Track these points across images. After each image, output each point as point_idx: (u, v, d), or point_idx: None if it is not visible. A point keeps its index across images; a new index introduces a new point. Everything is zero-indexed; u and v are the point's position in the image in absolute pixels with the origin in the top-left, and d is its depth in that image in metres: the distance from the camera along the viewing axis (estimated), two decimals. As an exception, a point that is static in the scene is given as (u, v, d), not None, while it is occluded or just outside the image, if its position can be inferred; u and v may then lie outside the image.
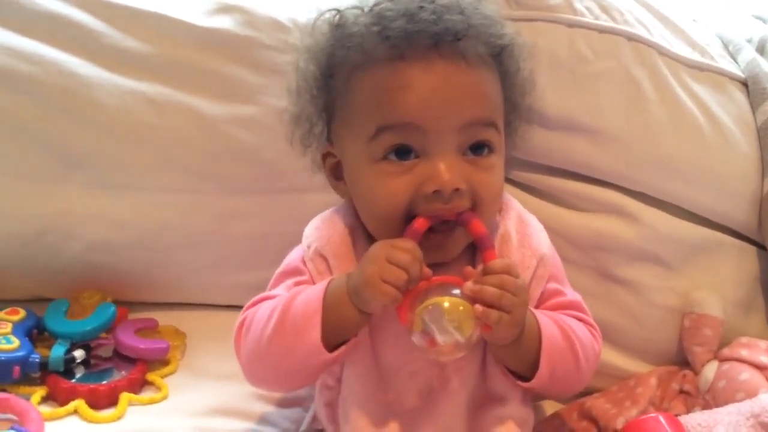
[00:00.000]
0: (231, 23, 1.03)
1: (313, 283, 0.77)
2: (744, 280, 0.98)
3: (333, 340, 0.71)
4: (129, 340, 0.96)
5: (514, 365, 0.74)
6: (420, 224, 0.71)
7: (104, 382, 0.91)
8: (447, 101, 0.71)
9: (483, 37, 0.74)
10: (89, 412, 0.87)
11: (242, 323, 0.77)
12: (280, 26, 1.03)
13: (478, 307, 0.67)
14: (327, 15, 0.77)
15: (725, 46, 1.06)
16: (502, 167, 0.77)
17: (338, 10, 0.77)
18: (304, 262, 0.78)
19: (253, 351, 0.75)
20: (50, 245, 1.02)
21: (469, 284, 0.68)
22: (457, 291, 0.69)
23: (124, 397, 0.89)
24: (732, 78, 1.01)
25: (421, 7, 0.72)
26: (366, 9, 0.75)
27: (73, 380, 0.91)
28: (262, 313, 0.74)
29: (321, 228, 0.80)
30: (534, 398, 0.82)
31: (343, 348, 0.71)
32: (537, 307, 0.78)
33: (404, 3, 0.73)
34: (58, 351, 0.92)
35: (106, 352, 0.97)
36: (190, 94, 1.01)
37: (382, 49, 0.72)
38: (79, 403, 0.88)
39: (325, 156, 0.80)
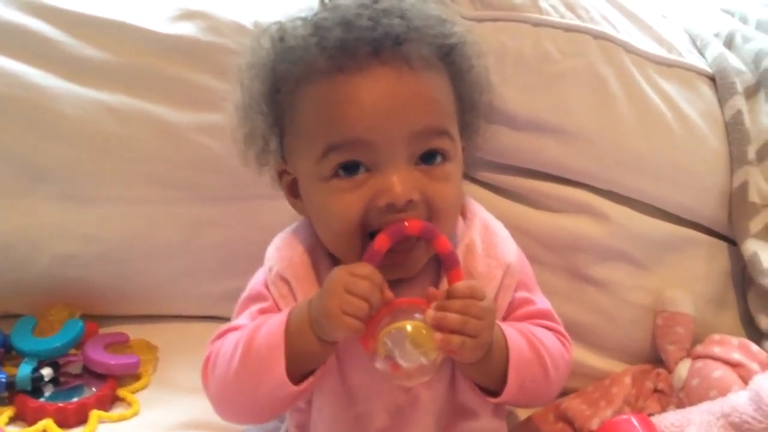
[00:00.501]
0: (194, 29, 1.02)
1: (277, 308, 0.75)
2: (715, 276, 0.98)
3: (299, 370, 0.70)
4: (98, 356, 0.94)
5: (482, 380, 0.73)
6: (380, 245, 0.68)
7: (74, 400, 0.89)
8: (392, 112, 0.69)
9: (427, 38, 0.72)
10: (58, 431, 0.85)
11: (208, 358, 0.75)
12: (245, 31, 1.02)
13: (438, 335, 0.66)
14: (269, 29, 0.75)
15: (693, 41, 1.06)
16: (458, 175, 0.75)
17: (279, 23, 0.75)
18: (267, 287, 0.77)
19: (221, 386, 0.73)
20: (15, 260, 1.00)
21: (430, 312, 0.67)
22: (418, 315, 0.67)
23: (94, 414, 0.88)
24: (699, 73, 1.01)
25: (358, 14, 0.70)
26: (306, 19, 0.73)
27: (42, 399, 0.89)
28: (226, 348, 0.73)
29: (281, 249, 0.78)
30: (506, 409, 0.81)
31: (310, 380, 0.70)
32: (505, 316, 0.78)
33: (342, 11, 0.71)
34: (24, 370, 0.90)
35: (75, 369, 0.95)
36: (154, 102, 1.00)
37: (322, 62, 0.70)
38: (47, 423, 0.86)
39: (281, 173, 0.79)
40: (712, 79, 1.01)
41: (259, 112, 0.76)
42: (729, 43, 1.05)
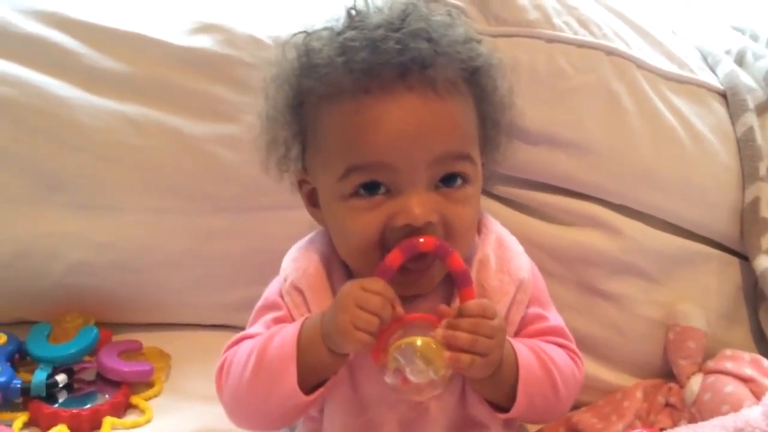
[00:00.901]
0: (211, 42, 1.03)
1: (291, 317, 0.76)
2: (727, 291, 0.98)
3: (310, 381, 0.70)
4: (112, 363, 0.95)
5: (491, 396, 0.74)
6: (392, 260, 0.69)
7: (87, 407, 0.90)
8: (416, 137, 0.69)
9: (454, 61, 0.72)
10: (72, 437, 0.86)
11: (222, 366, 0.76)
12: (261, 44, 1.03)
13: (447, 354, 0.66)
14: (294, 39, 0.76)
15: (704, 58, 1.07)
16: (477, 198, 0.76)
17: (305, 33, 0.75)
18: (282, 296, 0.78)
19: (234, 394, 0.74)
20: (31, 268, 1.01)
21: (440, 331, 0.67)
22: (430, 332, 0.68)
23: (107, 421, 0.88)
24: (711, 90, 1.01)
25: (386, 37, 0.70)
26: (334, 34, 0.73)
27: (56, 405, 0.90)
28: (240, 356, 0.74)
29: (297, 259, 0.79)
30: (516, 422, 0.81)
31: (321, 390, 0.71)
32: (517, 332, 0.78)
33: (370, 31, 0.71)
34: (40, 376, 0.91)
35: (89, 375, 0.96)
36: (170, 113, 1.01)
37: (347, 82, 0.70)
38: (61, 429, 0.87)
39: (301, 182, 0.80)
40: (723, 95, 1.02)
41: (283, 122, 0.77)
42: (740, 60, 1.06)
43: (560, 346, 0.77)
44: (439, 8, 0.78)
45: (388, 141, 0.69)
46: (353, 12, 0.75)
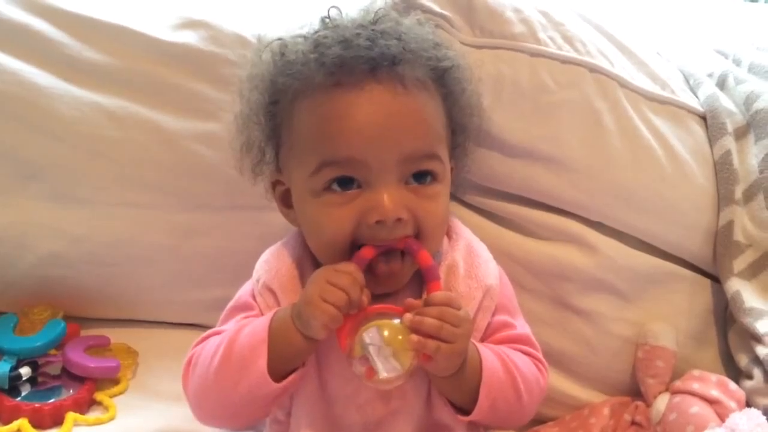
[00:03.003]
0: (195, 38, 1.03)
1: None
2: (697, 312, 0.99)
3: (280, 369, 0.71)
4: (78, 358, 0.93)
5: (454, 397, 0.74)
6: (367, 252, 0.71)
7: (50, 401, 0.88)
8: (385, 133, 0.71)
9: (421, 60, 0.74)
10: (33, 431, 0.85)
11: (189, 361, 0.76)
12: (246, 43, 1.02)
13: (414, 337, 0.67)
14: (271, 44, 0.78)
15: (686, 79, 1.07)
16: (446, 195, 0.77)
17: (281, 39, 0.77)
18: (254, 297, 0.78)
19: (200, 386, 0.74)
20: (1, 257, 0.99)
21: (408, 315, 0.69)
22: (396, 320, 0.69)
23: (70, 416, 0.87)
24: (691, 112, 1.02)
25: (358, 34, 0.73)
26: (308, 36, 0.76)
27: (19, 398, 0.89)
28: (209, 349, 0.74)
29: (269, 261, 0.80)
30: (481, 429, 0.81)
31: (290, 377, 0.71)
32: (483, 339, 0.79)
33: (341, 30, 0.74)
34: (3, 368, 0.90)
35: (54, 369, 0.95)
36: (151, 108, 1.01)
37: (320, 76, 0.72)
38: (22, 423, 0.85)
39: (275, 184, 0.81)
40: (703, 118, 1.02)
41: (257, 122, 0.78)
42: (722, 83, 1.06)
43: (526, 353, 0.78)
44: (410, 15, 0.81)
45: (358, 136, 0.71)
46: (327, 20, 0.77)
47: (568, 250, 0.96)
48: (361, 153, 0.71)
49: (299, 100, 0.74)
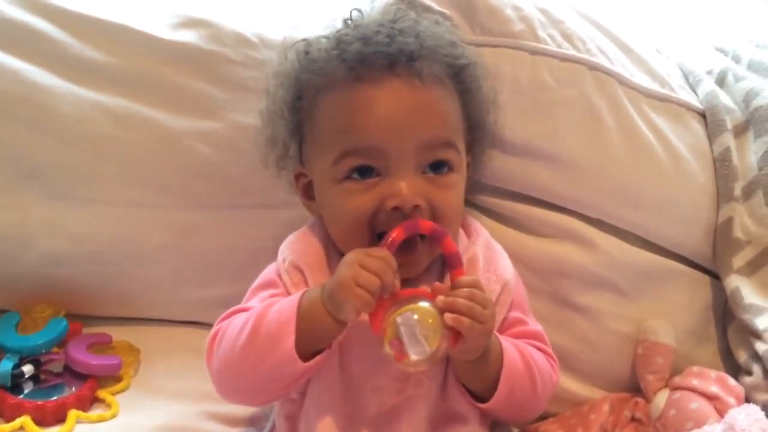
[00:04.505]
0: (196, 37, 1.03)
1: (288, 295, 0.78)
2: (697, 309, 0.99)
3: (306, 349, 0.72)
4: (80, 355, 0.94)
5: (474, 384, 0.76)
6: (397, 235, 0.73)
7: (53, 399, 0.89)
8: (404, 123, 0.75)
9: (438, 57, 0.78)
10: (35, 429, 0.85)
11: (215, 336, 0.77)
12: (246, 41, 1.03)
13: (449, 315, 0.69)
14: (296, 44, 0.83)
15: (685, 77, 1.08)
16: (461, 185, 0.80)
17: (306, 39, 0.82)
18: (280, 276, 0.80)
19: (225, 361, 0.75)
20: (2, 255, 1.00)
21: (441, 297, 0.70)
22: (427, 303, 0.70)
23: (72, 414, 0.87)
24: (690, 109, 1.02)
25: (377, 32, 0.78)
26: (329, 37, 0.80)
27: (21, 396, 0.89)
28: (235, 324, 0.75)
29: (296, 243, 0.83)
30: (491, 422, 0.82)
31: (317, 358, 0.72)
32: (499, 333, 0.79)
33: (362, 29, 0.78)
34: (5, 366, 0.90)
35: (56, 367, 0.95)
36: (152, 107, 1.01)
37: (341, 71, 0.77)
38: (25, 420, 0.86)
39: (298, 176, 0.84)
40: (702, 115, 1.03)
41: (282, 117, 0.82)
42: (721, 81, 1.07)
43: (539, 349, 0.81)
44: (428, 15, 0.85)
45: (378, 126, 0.75)
46: (348, 21, 0.82)
47: (568, 248, 0.96)
48: (380, 142, 0.75)
49: (322, 95, 0.78)
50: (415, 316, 0.69)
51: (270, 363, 0.72)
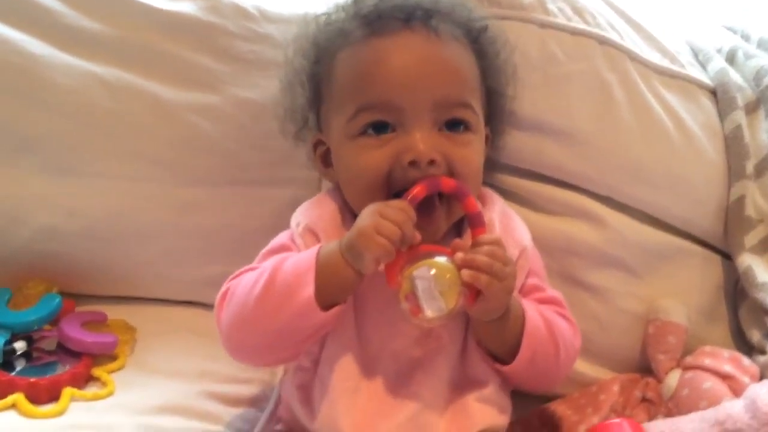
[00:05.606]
0: (194, 8, 1.00)
1: None
2: (708, 288, 0.97)
3: (323, 302, 0.70)
4: (74, 332, 0.91)
5: (495, 346, 0.75)
6: (418, 191, 0.71)
7: (46, 376, 0.85)
8: (419, 77, 0.74)
9: (455, 17, 0.79)
10: (28, 406, 0.82)
11: (225, 293, 0.76)
12: (245, 14, 1.01)
13: (467, 272, 0.68)
14: (316, 16, 0.83)
15: (695, 54, 1.06)
16: (480, 145, 0.79)
17: (325, 12, 0.83)
18: (293, 240, 0.78)
19: (237, 315, 0.73)
20: (-6, 231, 0.97)
21: (460, 254, 0.69)
22: (444, 258, 0.69)
23: (67, 392, 0.84)
24: (701, 86, 1.01)
25: None
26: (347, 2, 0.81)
27: (13, 373, 0.86)
28: (248, 280, 0.74)
29: (310, 209, 0.81)
30: (509, 390, 0.80)
31: (336, 309, 0.70)
32: None
33: None
34: (-4, 342, 0.87)
35: (49, 345, 0.92)
36: (149, 78, 0.98)
37: (357, 27, 0.77)
38: (18, 397, 0.83)
39: (316, 145, 0.83)
40: (713, 93, 1.01)
41: (301, 85, 0.82)
42: (731, 59, 1.05)
43: (559, 315, 0.79)
44: None
45: (393, 80, 0.74)
46: None
47: (577, 225, 0.94)
48: (395, 97, 0.74)
49: (339, 54, 0.78)
50: (432, 271, 0.67)
51: (287, 313, 0.70)
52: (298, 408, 0.77)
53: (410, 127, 0.74)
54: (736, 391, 0.82)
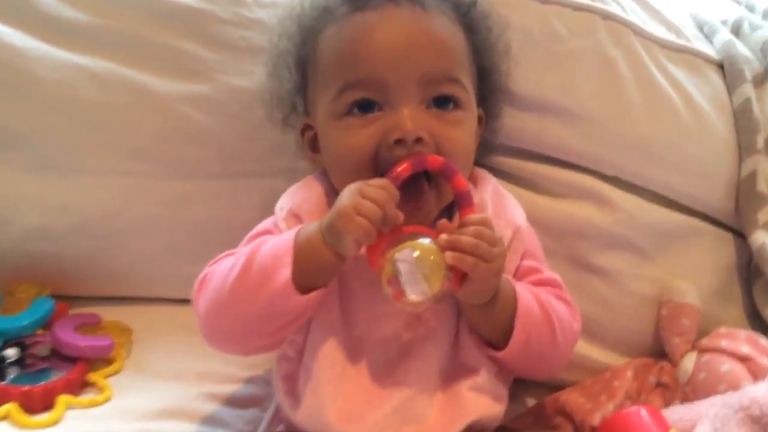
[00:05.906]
0: (183, -6, 0.97)
1: None
2: (720, 268, 0.95)
3: (303, 286, 0.67)
4: (68, 337, 0.88)
5: (487, 330, 0.72)
6: (403, 169, 0.69)
7: (40, 384, 0.83)
8: (405, 52, 0.72)
9: None
10: (22, 417, 0.80)
11: (203, 279, 0.73)
12: (238, 0, 0.97)
13: (451, 254, 0.65)
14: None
15: (700, 27, 1.03)
16: (470, 125, 0.76)
17: None
18: (276, 225, 0.76)
19: (215, 300, 0.71)
20: (-19, 232, 0.94)
21: (444, 235, 0.66)
22: (428, 240, 0.66)
23: (62, 399, 0.82)
24: (707, 60, 0.98)
25: None
26: None
27: (5, 382, 0.83)
28: (225, 264, 0.71)
29: (296, 193, 0.79)
30: (509, 378, 0.78)
31: (314, 293, 0.67)
32: None
33: None
34: (-13, 349, 0.84)
35: (43, 350, 0.89)
36: (138, 69, 0.95)
37: (341, 3, 0.75)
38: (11, 407, 0.80)
39: (304, 130, 0.81)
40: (719, 66, 0.98)
41: (287, 69, 0.80)
42: (736, 30, 1.03)
43: (557, 297, 0.76)
44: None
45: (378, 55, 0.72)
46: None
47: (584, 207, 0.91)
48: (380, 72, 0.71)
49: (323, 33, 0.76)
50: (416, 253, 0.65)
51: (264, 297, 0.67)
52: (283, 399, 0.75)
53: (397, 105, 0.71)
54: (756, 373, 0.80)
